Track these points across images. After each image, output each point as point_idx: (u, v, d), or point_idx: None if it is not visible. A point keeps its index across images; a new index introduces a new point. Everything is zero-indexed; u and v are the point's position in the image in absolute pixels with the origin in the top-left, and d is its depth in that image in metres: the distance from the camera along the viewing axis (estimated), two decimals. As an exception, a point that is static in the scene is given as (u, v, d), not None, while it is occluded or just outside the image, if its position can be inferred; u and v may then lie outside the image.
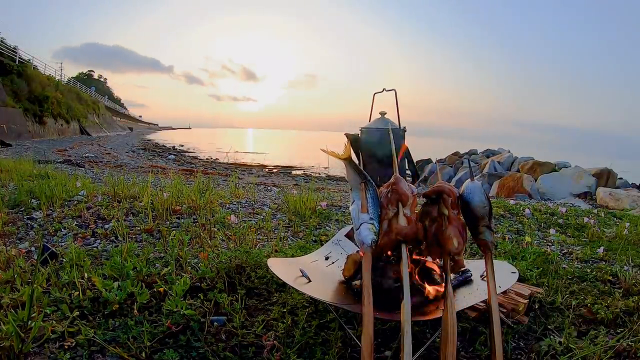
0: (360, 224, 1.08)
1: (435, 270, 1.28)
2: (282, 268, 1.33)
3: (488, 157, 17.23)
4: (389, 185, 1.11)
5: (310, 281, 1.25)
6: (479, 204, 1.05)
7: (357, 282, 1.25)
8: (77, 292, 1.32)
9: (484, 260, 1.11)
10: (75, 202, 2.84)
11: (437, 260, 1.26)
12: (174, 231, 2.13)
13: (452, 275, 1.19)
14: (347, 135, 1.30)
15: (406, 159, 1.43)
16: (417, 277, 1.25)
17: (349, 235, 1.61)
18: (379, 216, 1.12)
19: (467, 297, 1.19)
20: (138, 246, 1.95)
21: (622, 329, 1.34)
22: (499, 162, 14.06)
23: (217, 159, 16.06)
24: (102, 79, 76.84)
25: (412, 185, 1.14)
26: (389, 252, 1.14)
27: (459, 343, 1.19)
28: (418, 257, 1.29)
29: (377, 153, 1.34)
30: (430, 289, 1.19)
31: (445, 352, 0.90)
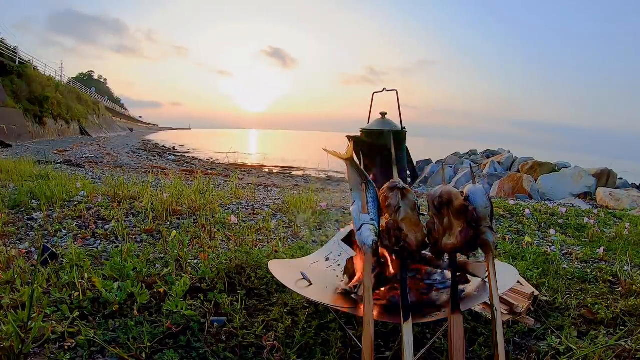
0: (361, 225, 1.08)
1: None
2: (283, 271, 1.33)
3: (488, 157, 17.24)
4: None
5: (311, 284, 1.26)
6: (481, 204, 1.05)
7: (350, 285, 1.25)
8: (77, 293, 1.32)
9: (484, 261, 1.11)
10: (76, 202, 2.84)
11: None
12: (174, 232, 2.13)
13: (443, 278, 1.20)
14: (348, 137, 1.30)
15: (406, 160, 1.43)
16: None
17: (345, 240, 1.60)
18: (379, 217, 1.12)
19: (468, 299, 1.19)
20: (138, 247, 1.95)
21: (622, 329, 1.34)
22: (499, 163, 14.06)
23: (217, 159, 16.06)
24: (102, 80, 76.93)
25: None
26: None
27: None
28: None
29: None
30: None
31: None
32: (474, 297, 1.18)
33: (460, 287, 1.20)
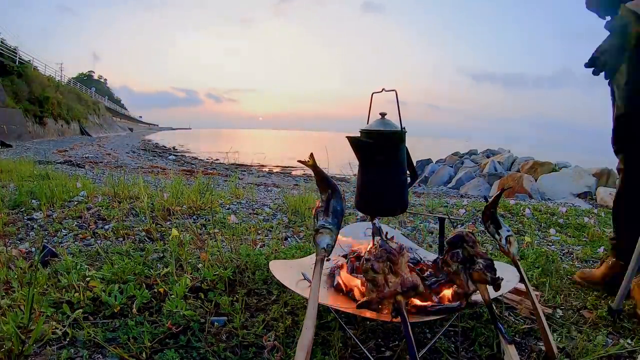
0: (320, 226, 1.10)
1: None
2: (283, 271, 1.33)
3: (488, 157, 17.21)
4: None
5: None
6: None
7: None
8: (77, 293, 1.32)
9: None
10: (76, 202, 2.84)
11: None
12: (175, 231, 2.14)
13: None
14: (348, 137, 1.30)
15: (405, 160, 1.43)
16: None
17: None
18: (339, 223, 1.15)
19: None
20: (138, 247, 1.95)
21: (622, 330, 1.34)
22: (499, 162, 14.04)
23: (217, 159, 16.05)
24: (102, 79, 77.06)
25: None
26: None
27: (458, 343, 1.19)
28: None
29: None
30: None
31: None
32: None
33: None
